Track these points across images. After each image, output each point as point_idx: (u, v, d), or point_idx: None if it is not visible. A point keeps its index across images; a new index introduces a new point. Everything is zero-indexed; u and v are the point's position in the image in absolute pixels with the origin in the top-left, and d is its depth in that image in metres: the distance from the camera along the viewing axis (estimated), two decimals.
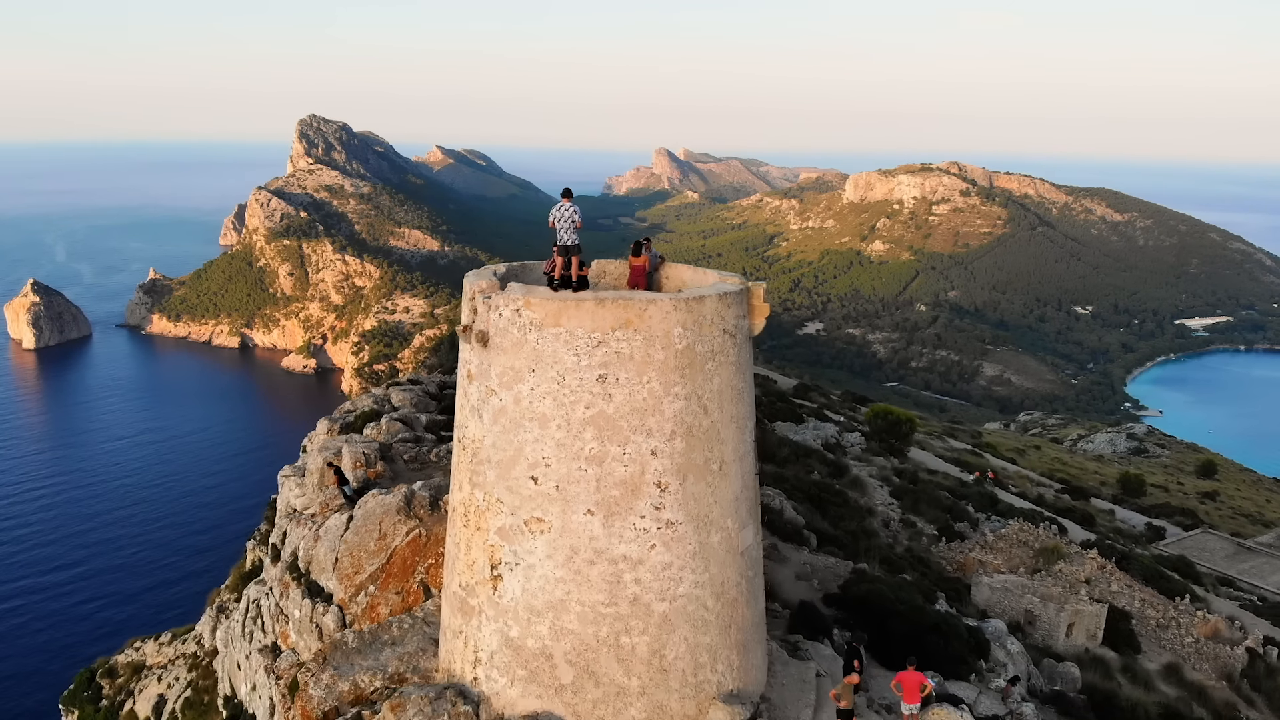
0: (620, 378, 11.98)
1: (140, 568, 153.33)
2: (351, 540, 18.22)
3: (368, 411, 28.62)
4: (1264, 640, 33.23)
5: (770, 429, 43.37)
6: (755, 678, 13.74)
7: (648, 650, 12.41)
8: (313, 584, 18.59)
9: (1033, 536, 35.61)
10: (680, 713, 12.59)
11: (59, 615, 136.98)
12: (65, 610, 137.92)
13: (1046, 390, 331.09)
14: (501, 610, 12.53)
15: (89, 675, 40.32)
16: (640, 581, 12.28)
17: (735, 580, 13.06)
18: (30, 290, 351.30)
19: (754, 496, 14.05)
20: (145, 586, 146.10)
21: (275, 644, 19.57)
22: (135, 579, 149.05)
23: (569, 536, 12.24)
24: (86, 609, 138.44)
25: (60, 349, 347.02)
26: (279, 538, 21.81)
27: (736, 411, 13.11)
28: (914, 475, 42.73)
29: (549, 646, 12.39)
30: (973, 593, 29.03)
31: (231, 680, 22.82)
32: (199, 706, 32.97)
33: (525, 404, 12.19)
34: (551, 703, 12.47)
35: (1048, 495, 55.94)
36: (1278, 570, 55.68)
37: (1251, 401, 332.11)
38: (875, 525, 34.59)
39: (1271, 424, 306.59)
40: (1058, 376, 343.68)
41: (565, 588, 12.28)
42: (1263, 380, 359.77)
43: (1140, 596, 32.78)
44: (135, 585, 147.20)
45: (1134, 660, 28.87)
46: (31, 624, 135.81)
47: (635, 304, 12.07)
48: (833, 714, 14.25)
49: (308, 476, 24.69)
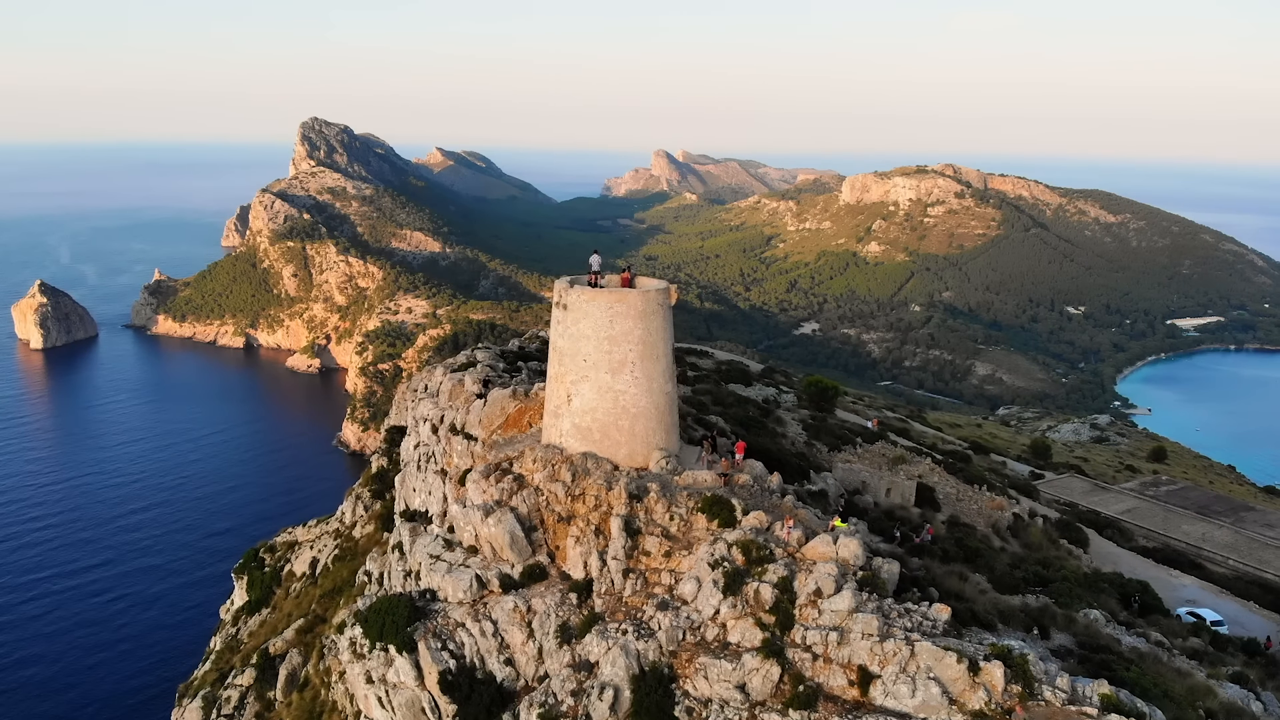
0: (616, 321, 32.32)
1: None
2: (486, 410, 38.77)
3: (465, 362, 49.24)
4: (1029, 513, 53.89)
5: (725, 386, 64.14)
6: (672, 446, 34.20)
7: (628, 428, 32.78)
8: (466, 434, 39.06)
9: (890, 450, 56.25)
10: (642, 454, 32.97)
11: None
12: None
13: (1037, 389, 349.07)
14: (570, 412, 32.93)
15: (253, 552, 60.74)
16: (624, 401, 32.66)
17: (663, 404, 33.44)
18: (38, 291, 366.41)
19: (672, 372, 34.56)
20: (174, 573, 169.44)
21: (443, 469, 40.01)
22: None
23: (596, 382, 32.62)
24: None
25: (67, 349, 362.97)
26: (437, 418, 42.27)
27: (663, 336, 33.46)
28: (823, 420, 63.26)
29: (589, 426, 32.76)
30: (833, 470, 49.62)
31: (407, 502, 43.10)
32: (346, 559, 53.70)
33: (579, 330, 32.48)
34: (591, 448, 32.95)
35: (943, 446, 76.61)
36: (1119, 500, 76.35)
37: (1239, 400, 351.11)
38: (785, 443, 55.19)
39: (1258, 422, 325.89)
40: (1049, 375, 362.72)
41: (595, 402, 32.69)
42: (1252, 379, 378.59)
43: (951, 483, 53.39)
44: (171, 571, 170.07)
45: (930, 513, 49.43)
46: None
47: (622, 292, 32.56)
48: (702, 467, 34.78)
49: (440, 393, 45.30)
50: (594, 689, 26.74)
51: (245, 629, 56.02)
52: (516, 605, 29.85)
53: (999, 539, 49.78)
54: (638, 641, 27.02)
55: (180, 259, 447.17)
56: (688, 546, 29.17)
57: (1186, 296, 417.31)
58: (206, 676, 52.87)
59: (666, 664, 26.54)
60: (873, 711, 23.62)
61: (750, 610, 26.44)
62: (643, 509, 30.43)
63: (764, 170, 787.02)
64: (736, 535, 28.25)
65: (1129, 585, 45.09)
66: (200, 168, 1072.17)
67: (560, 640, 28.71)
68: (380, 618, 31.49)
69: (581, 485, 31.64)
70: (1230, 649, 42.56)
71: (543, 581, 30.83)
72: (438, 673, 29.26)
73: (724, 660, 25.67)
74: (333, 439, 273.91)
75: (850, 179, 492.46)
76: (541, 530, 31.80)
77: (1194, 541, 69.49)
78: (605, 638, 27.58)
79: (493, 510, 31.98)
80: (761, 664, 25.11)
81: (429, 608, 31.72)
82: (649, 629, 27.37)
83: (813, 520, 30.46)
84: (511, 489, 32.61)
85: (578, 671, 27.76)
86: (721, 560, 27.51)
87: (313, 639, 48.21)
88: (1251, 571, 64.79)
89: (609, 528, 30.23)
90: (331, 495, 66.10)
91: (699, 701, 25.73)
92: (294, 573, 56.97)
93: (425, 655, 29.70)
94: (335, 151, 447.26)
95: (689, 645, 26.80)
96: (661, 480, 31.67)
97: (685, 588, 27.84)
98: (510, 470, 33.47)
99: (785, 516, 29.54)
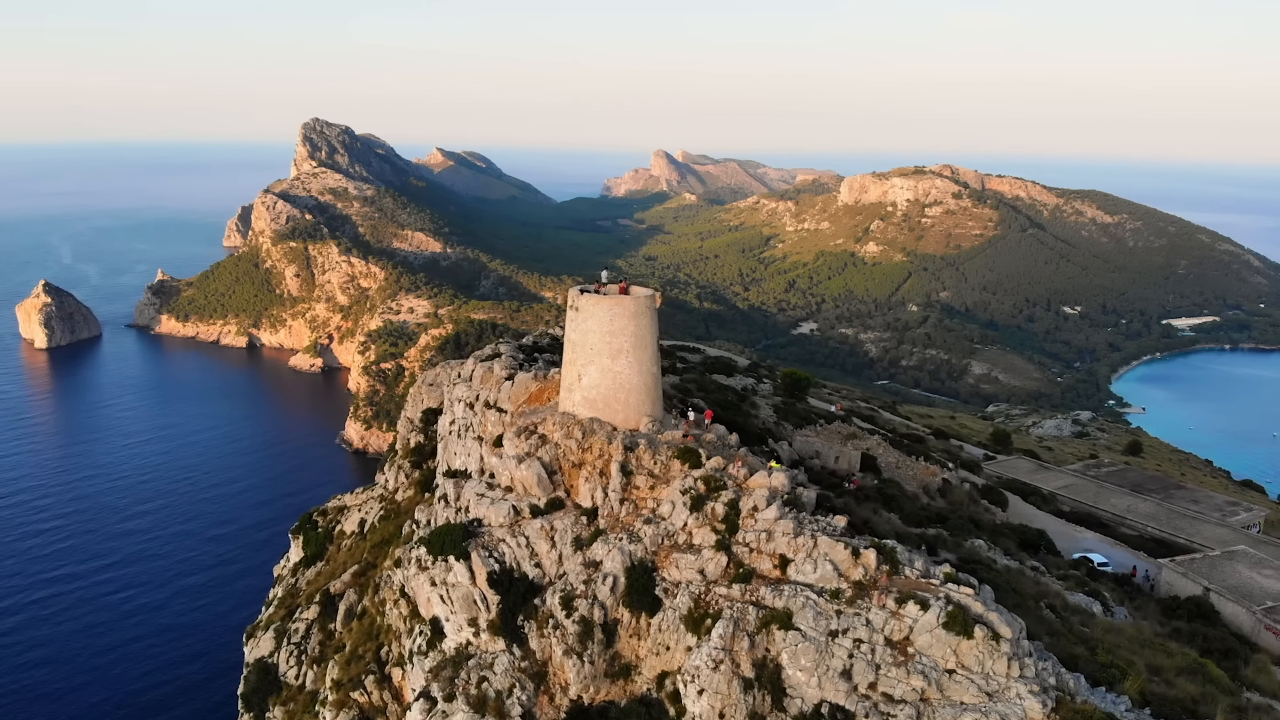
0: (615, 319, 44.57)
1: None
2: (514, 390, 51.10)
3: (491, 353, 61.55)
4: (960, 480, 66.27)
5: (709, 376, 76.56)
6: (657, 413, 46.50)
7: (624, 400, 45.01)
8: (498, 408, 51.36)
9: (845, 429, 68.64)
10: (635, 419, 45.20)
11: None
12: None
13: (1033, 388, 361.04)
14: (581, 387, 45.19)
15: (308, 516, 72.99)
16: (621, 379, 44.93)
17: (650, 382, 45.69)
18: (42, 291, 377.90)
19: (657, 358, 46.91)
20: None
21: (479, 436, 52.28)
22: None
23: (600, 365, 44.89)
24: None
25: (71, 349, 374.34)
26: (471, 397, 54.57)
27: (650, 331, 45.75)
28: (793, 405, 75.61)
29: (595, 398, 45.01)
30: (792, 442, 61.98)
31: (449, 463, 55.32)
32: (390, 518, 66.04)
33: (588, 326, 44.76)
34: (596, 415, 45.27)
35: (903, 430, 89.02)
36: (1059, 478, 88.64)
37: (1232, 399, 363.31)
38: (755, 422, 67.57)
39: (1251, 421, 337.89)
40: (1044, 375, 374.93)
41: (599, 380, 44.97)
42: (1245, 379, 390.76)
43: (894, 455, 65.75)
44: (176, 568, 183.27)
45: (868, 474, 61.76)
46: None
47: (620, 298, 44.96)
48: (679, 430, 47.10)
49: (473, 379, 57.61)
50: (599, 578, 39.13)
51: (303, 579, 68.27)
52: (543, 525, 42.19)
53: (926, 497, 62.13)
54: (630, 545, 39.40)
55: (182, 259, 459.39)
56: (666, 481, 41.51)
57: (1182, 296, 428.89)
58: (274, 615, 65.13)
59: (650, 559, 38.94)
60: (789, 583, 35.92)
61: (708, 521, 38.78)
62: (634, 457, 42.73)
63: (763, 170, 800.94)
64: (701, 472, 40.61)
65: (1028, 533, 57.43)
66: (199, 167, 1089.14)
67: (575, 548, 41.05)
68: (440, 538, 43.80)
69: (589, 441, 43.95)
70: (1104, 579, 54.95)
71: (561, 510, 43.14)
72: (486, 573, 41.53)
73: (689, 554, 38.05)
74: (336, 437, 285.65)
75: (849, 179, 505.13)
76: (560, 473, 44.15)
77: (1119, 512, 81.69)
78: (607, 544, 39.97)
79: (524, 459, 44.33)
80: (714, 555, 37.49)
81: (476, 530, 44.07)
82: (638, 537, 39.73)
83: (756, 463, 42.81)
84: (537, 444, 44.98)
85: (587, 568, 40.14)
86: (690, 489, 39.87)
87: (366, 580, 60.54)
88: (1164, 535, 77.09)
89: (610, 470, 42.54)
90: (335, 493, 75.70)
91: (672, 583, 38.14)
92: (344, 531, 69.23)
93: (476, 561, 41.96)
94: (336, 152, 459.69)
95: (666, 547, 39.19)
96: (648, 437, 43.96)
97: (664, 509, 40.23)
98: (536, 431, 45.85)
99: (736, 459, 41.89)
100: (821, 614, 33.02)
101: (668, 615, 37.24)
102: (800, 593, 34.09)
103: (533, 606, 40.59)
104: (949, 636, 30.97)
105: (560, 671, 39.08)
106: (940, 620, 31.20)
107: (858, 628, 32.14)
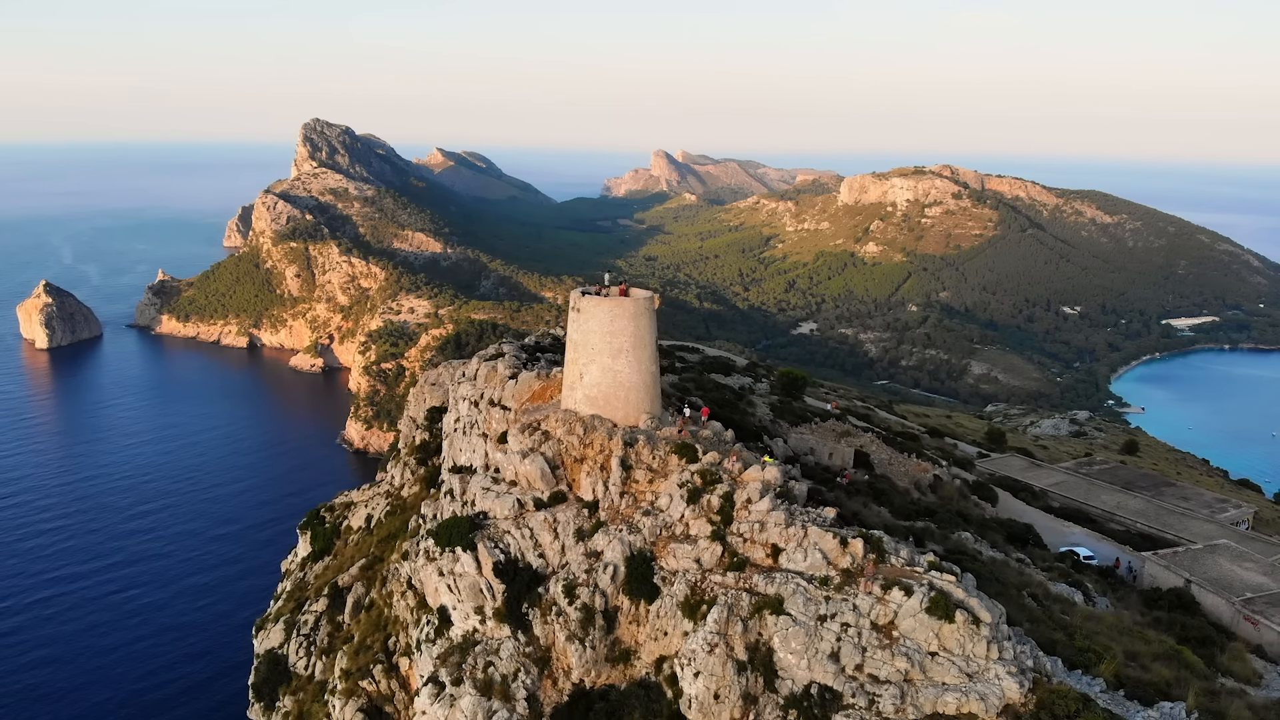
0: (615, 319, 46.55)
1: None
2: (517, 388, 53.07)
3: (495, 353, 63.52)
4: (951, 476, 68.28)
5: (707, 375, 78.56)
6: (655, 410, 48.45)
7: (624, 397, 46.97)
8: (502, 406, 53.33)
9: (839, 426, 70.63)
10: (634, 416, 47.17)
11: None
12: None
13: (1032, 388, 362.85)
14: (582, 385, 47.15)
15: (315, 511, 74.98)
16: (621, 377, 46.90)
17: (649, 380, 47.64)
18: (43, 291, 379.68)
19: (656, 357, 48.88)
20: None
21: (484, 433, 54.25)
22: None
23: (601, 364, 46.86)
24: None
25: (72, 349, 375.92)
26: (476, 395, 56.54)
27: (649, 331, 47.73)
28: (789, 403, 77.60)
29: (596, 396, 46.96)
30: (788, 439, 63.97)
31: (454, 460, 57.31)
32: (397, 513, 68.00)
33: (589, 327, 46.72)
34: (597, 412, 47.25)
35: (898, 428, 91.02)
36: (1050, 475, 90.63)
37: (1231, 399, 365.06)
38: (752, 420, 69.55)
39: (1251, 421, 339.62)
40: (1044, 375, 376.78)
41: (600, 378, 46.93)
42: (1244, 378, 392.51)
43: (886, 452, 67.75)
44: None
45: (860, 470, 63.74)
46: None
47: (619, 300, 46.94)
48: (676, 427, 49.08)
49: (478, 377, 59.57)
50: (600, 567, 41.11)
51: (311, 573, 70.25)
52: (546, 517, 44.16)
53: (917, 492, 64.12)
54: (629, 536, 41.39)
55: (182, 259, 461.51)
56: (664, 475, 43.49)
57: (1182, 296, 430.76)
58: (283, 608, 67.13)
59: (649, 549, 40.93)
60: (780, 571, 37.90)
61: (704, 513, 40.76)
62: (634, 452, 44.69)
63: (763, 170, 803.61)
64: (697, 467, 42.59)
65: (1016, 527, 59.40)
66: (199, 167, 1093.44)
67: (577, 539, 43.02)
68: (448, 530, 45.78)
69: (591, 437, 45.92)
70: (1088, 571, 56.94)
71: (564, 503, 45.10)
72: (492, 563, 43.50)
73: (686, 544, 40.05)
74: (336, 437, 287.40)
75: (848, 180, 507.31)
76: (562, 468, 46.11)
77: (1109, 508, 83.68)
78: (607, 535, 41.95)
79: (528, 455, 46.29)
80: (710, 545, 39.48)
81: (482, 522, 46.04)
82: (637, 528, 41.71)
83: (751, 457, 44.78)
84: (540, 440, 46.95)
85: (589, 558, 42.12)
86: (686, 482, 41.86)
87: (374, 573, 62.52)
88: (1152, 531, 79.05)
89: (610, 465, 44.50)
90: (336, 492, 76.83)
91: (670, 572, 40.13)
92: (351, 526, 71.22)
93: (482, 552, 43.92)
94: (337, 152, 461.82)
95: (664, 537, 41.17)
96: (647, 434, 45.92)
97: (662, 501, 42.20)
98: (539, 428, 47.82)
99: (731, 454, 43.86)
100: (811, 600, 35.00)
101: (665, 602, 39.23)
102: (791, 580, 36.06)
103: (537, 595, 42.56)
104: (932, 621, 32.95)
105: (563, 656, 41.06)
106: (923, 605, 33.18)
107: (845, 613, 34.11)
